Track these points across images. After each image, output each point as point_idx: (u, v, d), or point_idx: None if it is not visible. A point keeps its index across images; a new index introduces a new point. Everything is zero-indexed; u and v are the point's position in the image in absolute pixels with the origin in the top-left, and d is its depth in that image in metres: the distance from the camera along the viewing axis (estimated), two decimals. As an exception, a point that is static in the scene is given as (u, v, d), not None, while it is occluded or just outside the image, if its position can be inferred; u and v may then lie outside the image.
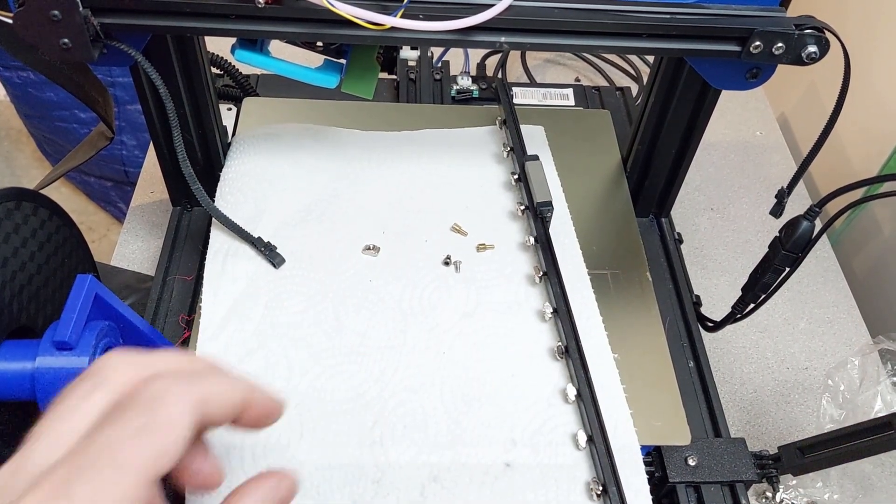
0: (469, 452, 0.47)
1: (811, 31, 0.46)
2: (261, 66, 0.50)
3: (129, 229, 0.72)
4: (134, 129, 1.29)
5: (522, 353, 0.52)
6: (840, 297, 0.74)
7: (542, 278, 0.55)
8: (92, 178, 1.46)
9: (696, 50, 0.48)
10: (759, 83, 0.50)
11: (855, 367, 0.58)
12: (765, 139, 0.88)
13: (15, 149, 1.81)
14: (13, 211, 0.45)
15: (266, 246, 0.56)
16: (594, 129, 0.71)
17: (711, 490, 0.52)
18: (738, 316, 0.58)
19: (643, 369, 0.54)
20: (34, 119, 1.40)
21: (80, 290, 0.43)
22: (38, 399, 0.43)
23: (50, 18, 0.42)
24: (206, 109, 0.59)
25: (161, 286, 0.60)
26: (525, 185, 0.60)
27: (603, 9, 0.46)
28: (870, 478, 0.60)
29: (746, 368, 0.67)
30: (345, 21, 0.43)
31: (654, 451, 0.53)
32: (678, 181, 0.65)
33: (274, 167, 0.62)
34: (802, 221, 0.51)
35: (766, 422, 0.64)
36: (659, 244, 0.67)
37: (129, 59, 0.47)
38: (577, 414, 0.49)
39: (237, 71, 0.76)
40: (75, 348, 0.43)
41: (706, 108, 0.58)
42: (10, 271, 0.45)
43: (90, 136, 0.65)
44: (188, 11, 0.44)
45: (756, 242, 0.77)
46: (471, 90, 0.79)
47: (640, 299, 0.58)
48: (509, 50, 0.66)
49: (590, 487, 0.46)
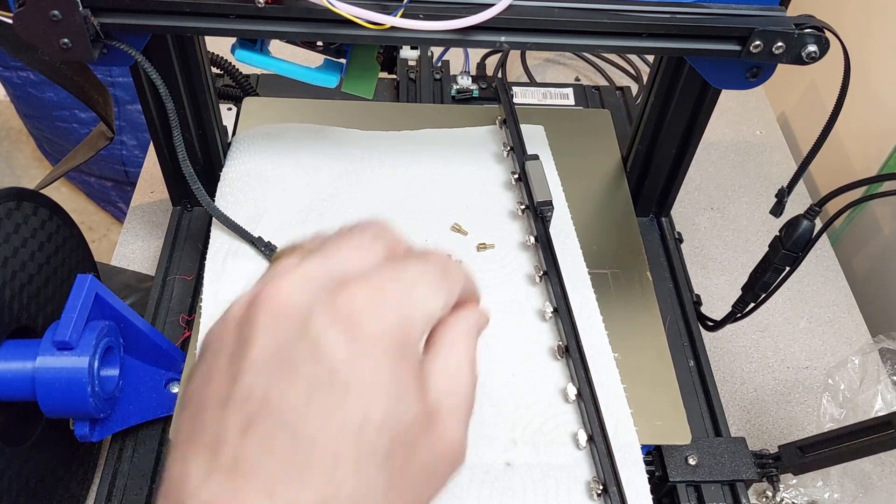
0: (469, 452, 0.47)
1: (811, 31, 0.46)
2: (261, 66, 0.50)
3: (129, 229, 0.72)
4: (134, 129, 1.29)
5: (523, 353, 0.52)
6: (840, 296, 0.74)
7: (543, 278, 0.55)
8: (92, 178, 1.46)
9: (696, 49, 0.48)
10: (759, 82, 0.50)
11: (855, 366, 0.58)
12: (765, 138, 0.88)
13: (15, 149, 1.81)
14: (13, 211, 0.45)
15: (266, 246, 0.56)
16: (594, 128, 0.71)
17: (712, 489, 0.52)
18: (738, 315, 0.58)
19: (643, 369, 0.54)
20: (34, 119, 1.40)
21: (80, 290, 0.43)
22: (39, 399, 0.43)
23: (50, 18, 0.42)
24: (206, 109, 0.59)
25: (161, 286, 0.60)
26: (525, 184, 0.60)
27: (603, 9, 0.46)
28: (870, 477, 0.60)
29: (747, 368, 0.67)
30: (345, 21, 0.43)
31: (655, 450, 0.53)
32: (678, 180, 0.65)
33: (274, 167, 0.62)
34: (803, 221, 0.51)
35: (766, 421, 0.64)
36: (659, 243, 0.67)
37: (129, 59, 0.47)
38: (577, 413, 0.49)
39: (237, 71, 0.76)
40: (76, 348, 0.43)
41: (706, 107, 0.58)
42: (10, 271, 0.45)
43: (90, 136, 0.65)
44: (188, 11, 0.44)
45: (756, 242, 0.77)
46: (471, 90, 0.79)
47: (641, 299, 0.58)
48: (509, 50, 0.66)
49: (590, 487, 0.46)
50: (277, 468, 0.26)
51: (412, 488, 0.29)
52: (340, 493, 0.26)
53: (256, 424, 0.27)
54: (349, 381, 0.27)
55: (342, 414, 0.27)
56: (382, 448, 0.27)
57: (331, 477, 0.26)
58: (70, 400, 0.43)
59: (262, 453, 0.27)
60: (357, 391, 0.27)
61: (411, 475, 0.29)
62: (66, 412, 0.44)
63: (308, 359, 0.27)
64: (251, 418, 0.27)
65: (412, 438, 0.29)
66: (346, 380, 0.27)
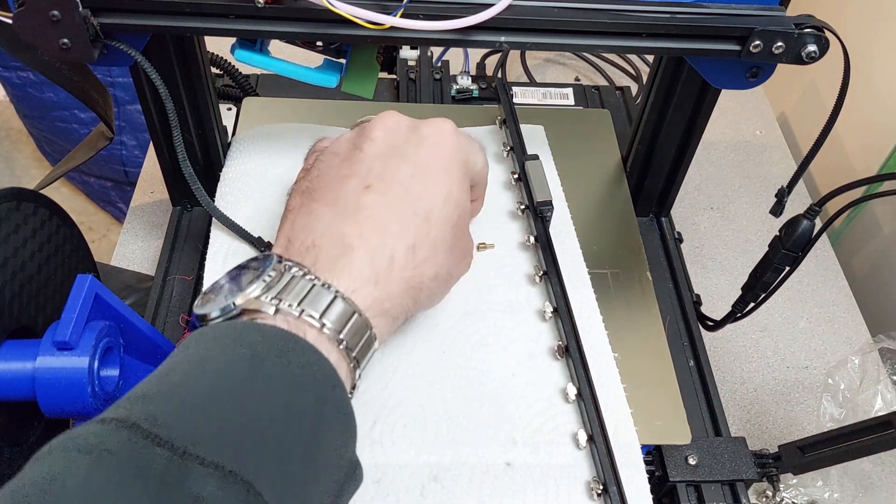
0: (469, 452, 0.47)
1: (811, 31, 0.46)
2: (261, 66, 0.50)
3: (129, 229, 0.72)
4: (134, 129, 1.29)
5: (523, 353, 0.52)
6: (840, 296, 0.74)
7: (543, 278, 0.55)
8: (92, 178, 1.46)
9: (696, 49, 0.48)
10: (759, 82, 0.50)
11: (855, 365, 0.58)
12: (765, 138, 0.88)
13: (15, 149, 1.81)
14: (13, 211, 0.45)
15: (266, 246, 0.56)
16: (594, 128, 0.71)
17: (712, 489, 0.52)
18: (738, 315, 0.58)
19: (643, 368, 0.54)
20: (34, 119, 1.40)
21: (80, 290, 0.43)
22: (39, 399, 0.43)
23: (50, 18, 0.42)
24: (206, 109, 0.59)
25: (161, 286, 0.60)
26: (525, 184, 0.60)
27: (603, 9, 0.46)
28: (870, 476, 0.60)
29: (746, 367, 0.67)
30: (345, 21, 0.43)
31: (655, 450, 0.53)
32: (678, 180, 0.65)
33: (274, 167, 0.62)
34: (802, 220, 0.51)
35: (766, 421, 0.64)
36: (659, 243, 0.67)
37: (129, 59, 0.47)
38: (577, 413, 0.49)
39: (237, 71, 0.76)
40: (76, 348, 0.43)
41: (706, 107, 0.58)
42: (10, 271, 0.45)
43: (90, 136, 0.65)
44: (188, 11, 0.44)
45: (756, 241, 0.77)
46: (471, 90, 0.79)
47: (641, 298, 0.58)
48: (509, 50, 0.66)
49: (590, 487, 0.46)
50: (388, 215, 0.41)
51: (456, 254, 0.44)
52: (428, 237, 0.42)
53: (375, 187, 0.41)
54: (440, 170, 0.43)
55: (435, 188, 0.43)
56: (453, 218, 0.43)
57: (424, 226, 0.41)
58: (70, 400, 0.43)
59: (378, 205, 0.41)
60: (444, 177, 0.43)
61: (458, 245, 0.44)
62: (66, 412, 0.44)
63: (415, 150, 0.43)
64: (370, 183, 0.41)
65: (465, 220, 0.45)
66: (438, 169, 0.43)
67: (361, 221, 0.40)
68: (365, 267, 0.39)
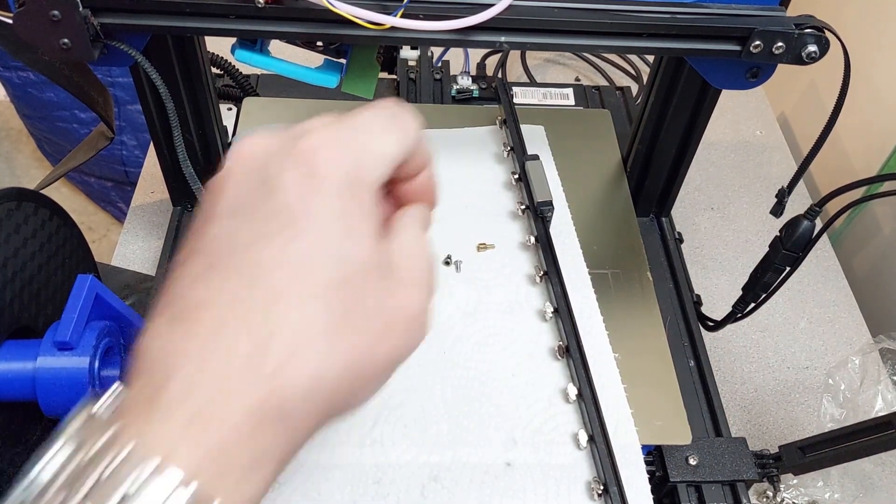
0: (469, 452, 0.47)
1: (811, 31, 0.46)
2: (261, 66, 0.50)
3: (130, 229, 0.72)
4: (134, 129, 1.29)
5: (523, 353, 0.52)
6: (840, 296, 0.74)
7: (543, 278, 0.55)
8: (92, 178, 1.46)
9: (696, 49, 0.48)
10: (759, 83, 0.50)
11: (855, 366, 0.58)
12: (765, 138, 0.88)
13: (15, 149, 1.81)
14: (13, 211, 0.45)
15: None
16: (594, 128, 0.71)
17: (712, 489, 0.52)
18: (738, 315, 0.58)
19: (644, 369, 0.54)
20: (34, 119, 1.40)
21: (80, 290, 0.43)
22: (39, 399, 0.43)
23: (50, 18, 0.42)
24: (206, 109, 0.59)
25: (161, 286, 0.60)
26: (525, 184, 0.60)
27: (603, 9, 0.46)
28: (870, 477, 0.60)
29: (747, 368, 0.67)
30: (345, 21, 0.43)
31: (655, 450, 0.53)
32: (678, 180, 0.65)
33: (274, 167, 0.62)
34: (803, 221, 0.51)
35: (766, 421, 0.64)
36: (659, 243, 0.67)
37: (129, 59, 0.47)
38: (577, 413, 0.49)
39: (237, 71, 0.76)
40: (76, 348, 0.43)
41: (706, 107, 0.58)
42: (10, 271, 0.45)
43: (90, 136, 0.65)
44: (188, 11, 0.44)
45: (756, 242, 0.76)
46: (471, 90, 0.79)
47: (641, 299, 0.58)
48: (509, 50, 0.66)
49: (591, 487, 0.46)
50: (225, 308, 0.26)
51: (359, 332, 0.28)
52: (281, 328, 0.26)
53: (214, 267, 0.27)
54: (298, 216, 0.27)
55: (289, 247, 0.27)
56: (326, 281, 0.27)
57: (270, 312, 0.26)
58: (70, 400, 0.43)
59: (212, 294, 0.27)
60: (305, 225, 0.27)
61: (358, 318, 0.28)
62: (67, 412, 0.44)
63: (266, 198, 0.28)
64: (211, 262, 0.28)
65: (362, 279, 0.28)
66: (296, 215, 0.27)
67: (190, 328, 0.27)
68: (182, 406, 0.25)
